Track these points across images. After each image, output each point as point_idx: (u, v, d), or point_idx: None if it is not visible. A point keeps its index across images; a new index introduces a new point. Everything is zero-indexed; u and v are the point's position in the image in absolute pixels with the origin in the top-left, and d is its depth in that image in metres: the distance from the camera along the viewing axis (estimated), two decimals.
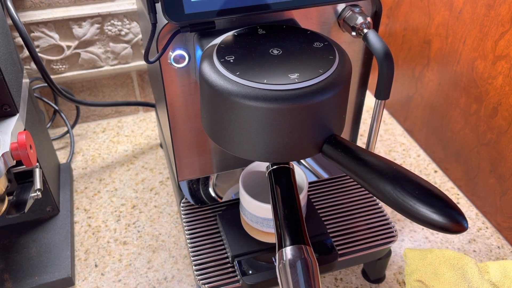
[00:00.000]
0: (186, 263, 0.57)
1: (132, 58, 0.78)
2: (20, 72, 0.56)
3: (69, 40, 0.72)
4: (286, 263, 0.31)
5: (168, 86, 0.43)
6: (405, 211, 0.28)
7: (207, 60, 0.34)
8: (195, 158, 0.51)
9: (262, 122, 0.32)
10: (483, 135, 0.61)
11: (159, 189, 0.69)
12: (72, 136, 0.78)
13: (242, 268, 0.46)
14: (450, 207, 0.27)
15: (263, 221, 0.45)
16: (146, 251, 0.59)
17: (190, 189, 0.53)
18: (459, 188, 0.68)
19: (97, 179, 0.71)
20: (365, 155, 0.31)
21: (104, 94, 0.81)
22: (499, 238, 0.61)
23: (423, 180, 0.29)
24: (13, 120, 0.47)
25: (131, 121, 0.84)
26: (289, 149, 0.33)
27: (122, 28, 0.73)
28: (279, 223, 0.33)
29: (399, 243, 0.60)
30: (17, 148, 0.43)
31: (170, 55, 0.40)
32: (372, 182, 0.30)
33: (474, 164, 0.64)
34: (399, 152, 0.76)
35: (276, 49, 0.35)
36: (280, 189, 0.35)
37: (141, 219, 0.64)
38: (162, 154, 0.76)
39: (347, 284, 0.55)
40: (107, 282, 0.55)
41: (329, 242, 0.49)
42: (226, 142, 0.35)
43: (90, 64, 0.76)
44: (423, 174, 0.71)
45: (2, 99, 0.47)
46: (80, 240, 0.61)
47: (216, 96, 0.33)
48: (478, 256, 0.58)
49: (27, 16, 0.68)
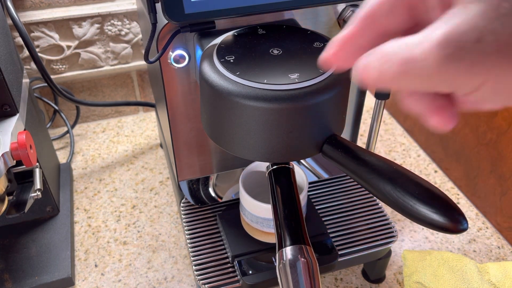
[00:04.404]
0: (186, 263, 0.57)
1: (132, 58, 0.78)
2: (20, 72, 0.56)
3: (69, 40, 0.72)
4: (286, 263, 0.31)
5: (168, 86, 0.43)
6: (405, 211, 0.28)
7: (207, 60, 0.34)
8: (195, 158, 0.51)
9: (262, 122, 0.32)
10: (483, 135, 0.61)
11: (159, 189, 0.69)
12: (72, 136, 0.78)
13: (242, 268, 0.46)
14: (450, 207, 0.27)
15: (263, 221, 0.45)
16: (146, 251, 0.59)
17: (190, 189, 0.53)
18: (459, 188, 0.68)
19: (97, 179, 0.71)
20: (365, 155, 0.31)
21: (104, 94, 0.81)
22: (499, 238, 0.61)
23: (423, 180, 0.29)
24: (13, 120, 0.47)
25: (131, 121, 0.84)
26: (289, 149, 0.33)
27: (122, 28, 0.73)
28: (279, 223, 0.33)
29: (399, 243, 0.60)
30: (17, 148, 0.43)
31: (170, 55, 0.40)
32: (372, 182, 0.30)
33: (474, 164, 0.64)
34: (399, 152, 0.76)
35: (276, 49, 0.35)
36: (280, 189, 0.35)
37: (141, 219, 0.64)
38: (162, 154, 0.76)
39: (347, 284, 0.55)
40: (107, 282, 0.55)
41: (329, 242, 0.49)
42: (226, 142, 0.35)
43: (90, 64, 0.76)
44: (423, 174, 0.71)
45: (2, 99, 0.47)
46: (80, 240, 0.61)
47: (216, 96, 0.33)
48: (478, 256, 0.58)
49: (27, 16, 0.68)
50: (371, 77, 0.19)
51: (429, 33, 0.16)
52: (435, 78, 0.16)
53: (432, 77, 0.16)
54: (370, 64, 0.19)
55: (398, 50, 0.17)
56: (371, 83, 0.19)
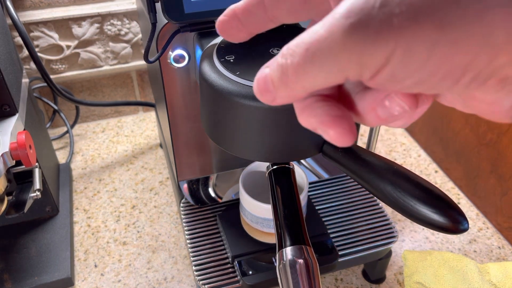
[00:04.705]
0: (186, 263, 0.57)
1: (131, 58, 0.78)
2: (20, 72, 0.56)
3: (69, 39, 0.72)
4: (286, 263, 0.30)
5: (168, 86, 0.43)
6: (406, 212, 0.28)
7: (207, 60, 0.34)
8: (195, 158, 0.51)
9: (262, 122, 0.32)
10: (483, 135, 0.61)
11: (158, 189, 0.68)
12: (72, 136, 0.77)
13: (242, 268, 0.46)
14: (450, 208, 0.27)
15: (263, 221, 0.45)
16: (145, 252, 0.59)
17: (190, 189, 0.53)
18: (459, 188, 0.68)
19: (97, 179, 0.71)
20: (365, 155, 0.31)
21: (104, 94, 0.81)
22: (500, 238, 0.61)
23: (423, 180, 0.29)
24: (12, 120, 0.47)
25: (130, 121, 0.83)
26: (289, 149, 0.33)
27: (122, 28, 0.73)
28: (279, 223, 0.33)
29: (400, 244, 0.60)
30: (16, 148, 0.43)
31: (170, 55, 0.40)
32: (373, 182, 0.30)
33: (474, 164, 0.64)
34: (400, 152, 0.76)
35: (276, 49, 0.35)
36: (280, 189, 0.35)
37: (141, 219, 0.64)
38: (162, 154, 0.75)
39: (347, 284, 0.55)
40: (106, 283, 0.55)
41: (329, 243, 0.49)
42: (226, 142, 0.35)
43: (89, 64, 0.76)
44: (423, 174, 0.71)
45: (2, 99, 0.47)
46: (79, 241, 0.61)
47: (216, 96, 0.32)
48: (478, 257, 0.58)
49: (26, 15, 0.68)
50: (274, 82, 0.18)
51: (333, 12, 0.16)
52: (343, 55, 0.15)
53: (340, 53, 0.15)
54: (268, 72, 0.18)
55: (301, 40, 0.17)
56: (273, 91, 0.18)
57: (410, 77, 0.15)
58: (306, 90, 0.18)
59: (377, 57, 0.15)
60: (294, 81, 0.17)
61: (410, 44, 0.14)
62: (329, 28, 0.15)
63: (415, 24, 0.14)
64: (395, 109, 0.18)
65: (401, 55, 0.15)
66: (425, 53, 0.14)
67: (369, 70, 0.16)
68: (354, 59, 0.15)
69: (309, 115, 0.20)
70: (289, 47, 0.17)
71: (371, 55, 0.15)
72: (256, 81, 0.19)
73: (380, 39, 0.14)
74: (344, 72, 0.16)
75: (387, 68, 0.15)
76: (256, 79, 0.19)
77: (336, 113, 0.19)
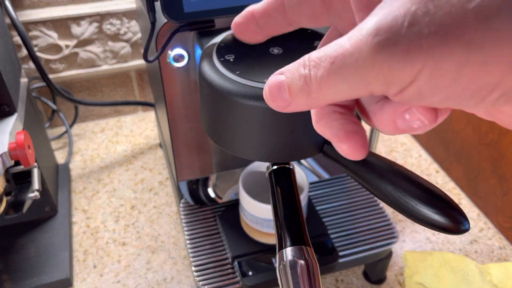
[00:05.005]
0: (186, 264, 0.57)
1: (131, 57, 0.77)
2: (19, 72, 0.56)
3: (68, 39, 0.72)
4: (287, 264, 0.30)
5: (168, 86, 0.43)
6: (407, 212, 0.28)
7: (207, 59, 0.34)
8: (194, 158, 0.51)
9: (262, 122, 0.31)
10: (484, 135, 0.60)
11: (158, 190, 0.68)
12: (71, 136, 0.77)
13: (242, 269, 0.46)
14: (452, 208, 0.27)
15: (263, 221, 0.45)
16: (145, 252, 0.59)
17: (190, 190, 0.53)
18: (460, 189, 0.68)
19: (96, 180, 0.70)
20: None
21: (103, 94, 0.81)
22: (501, 238, 0.60)
23: (424, 180, 0.28)
24: (11, 120, 0.47)
25: (130, 121, 0.83)
26: (290, 149, 0.33)
27: (121, 27, 0.73)
28: (279, 224, 0.33)
29: (400, 244, 0.60)
30: (15, 148, 0.42)
31: (169, 54, 0.40)
32: (373, 182, 0.30)
33: (475, 164, 0.63)
34: (400, 152, 0.75)
35: (276, 48, 0.34)
36: (281, 189, 0.35)
37: (140, 219, 0.63)
38: (161, 154, 0.75)
39: (347, 285, 0.55)
40: (106, 283, 0.55)
41: (329, 243, 0.48)
42: (226, 142, 0.35)
43: (88, 63, 0.76)
44: (424, 174, 0.71)
45: (0, 98, 0.46)
46: (78, 241, 0.60)
47: (215, 95, 0.32)
48: (479, 257, 0.58)
49: (25, 15, 0.68)
50: (291, 90, 0.18)
51: (359, 27, 0.16)
52: (370, 72, 0.15)
53: (367, 70, 0.15)
54: (285, 79, 0.18)
55: (324, 53, 0.16)
56: (288, 98, 0.18)
57: (436, 95, 0.15)
58: (326, 102, 0.18)
59: (405, 75, 0.15)
60: (316, 91, 0.17)
61: (439, 64, 0.14)
62: (356, 44, 0.15)
63: (444, 45, 0.14)
64: (415, 122, 0.18)
65: (428, 74, 0.15)
66: (453, 73, 0.14)
67: (395, 86, 0.16)
68: (381, 76, 0.15)
69: (325, 125, 0.20)
70: (311, 58, 0.17)
71: (398, 73, 0.15)
72: (268, 86, 0.19)
73: (408, 58, 0.14)
74: (370, 87, 0.16)
75: (414, 86, 0.15)
76: (268, 85, 0.19)
77: (351, 128, 0.19)
